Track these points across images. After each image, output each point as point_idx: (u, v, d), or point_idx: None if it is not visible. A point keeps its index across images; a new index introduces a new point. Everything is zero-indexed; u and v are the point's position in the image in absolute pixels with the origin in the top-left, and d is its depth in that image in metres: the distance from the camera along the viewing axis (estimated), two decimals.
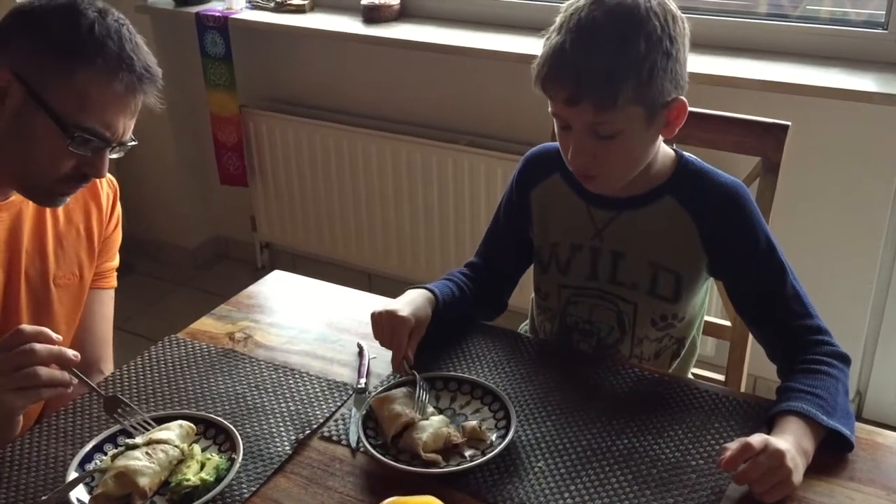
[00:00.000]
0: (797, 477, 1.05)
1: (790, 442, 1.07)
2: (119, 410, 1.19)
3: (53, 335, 1.14)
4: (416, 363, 1.28)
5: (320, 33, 2.72)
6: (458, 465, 1.12)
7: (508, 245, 1.48)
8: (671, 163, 1.32)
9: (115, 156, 1.27)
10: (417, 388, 1.23)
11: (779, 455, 1.04)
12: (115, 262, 1.52)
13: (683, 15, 1.23)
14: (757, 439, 1.05)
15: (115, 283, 1.53)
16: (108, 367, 1.49)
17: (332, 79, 2.91)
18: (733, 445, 1.05)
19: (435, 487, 1.07)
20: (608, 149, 1.22)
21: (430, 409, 1.20)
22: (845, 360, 1.23)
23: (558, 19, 1.22)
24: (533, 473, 1.12)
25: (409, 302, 1.32)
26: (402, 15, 2.72)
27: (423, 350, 1.37)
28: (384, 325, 1.29)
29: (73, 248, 1.41)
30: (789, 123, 1.47)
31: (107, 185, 1.46)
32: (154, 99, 1.28)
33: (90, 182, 1.29)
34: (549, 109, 1.25)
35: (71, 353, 1.14)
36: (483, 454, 1.13)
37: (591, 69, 1.16)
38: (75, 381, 1.15)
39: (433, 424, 1.15)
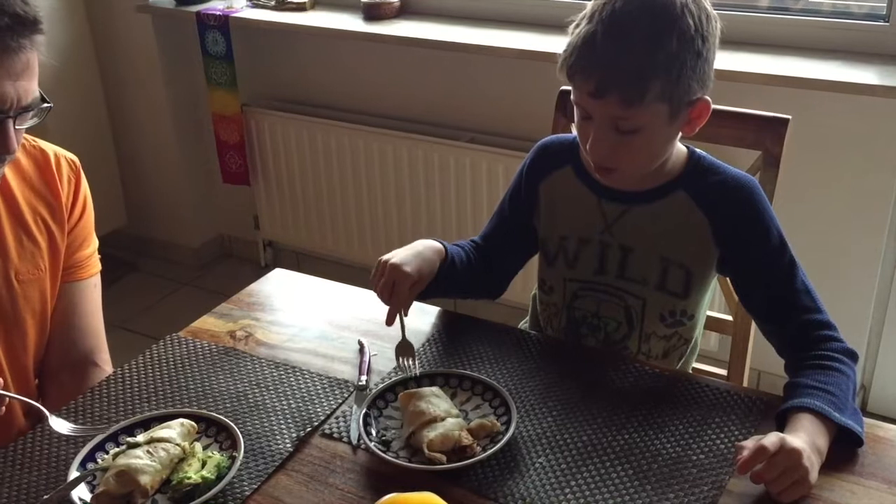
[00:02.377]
0: (813, 475, 1.05)
1: (805, 440, 1.06)
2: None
3: None
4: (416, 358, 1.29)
5: (321, 31, 2.72)
6: (458, 461, 1.12)
7: (511, 232, 1.47)
8: (683, 158, 1.32)
9: (26, 125, 1.16)
10: (403, 360, 1.27)
11: (795, 454, 1.03)
12: (92, 247, 1.46)
13: (716, 13, 1.21)
14: (771, 440, 1.04)
15: (95, 269, 1.47)
16: (105, 359, 1.46)
17: (333, 76, 2.91)
18: (748, 444, 1.04)
19: (436, 484, 1.07)
20: (628, 143, 1.21)
21: (455, 410, 1.19)
22: (854, 357, 1.22)
23: (590, 6, 1.21)
24: (534, 469, 1.12)
25: (417, 254, 1.32)
26: (403, 12, 2.72)
27: (423, 345, 1.37)
28: (386, 278, 1.28)
29: (35, 241, 1.35)
30: (789, 117, 1.46)
31: (67, 168, 1.39)
32: (39, 52, 1.13)
33: (4, 160, 1.18)
34: (572, 98, 1.24)
35: None
36: (484, 450, 1.13)
37: (621, 63, 1.16)
38: (4, 403, 1.13)
39: (446, 425, 1.14)
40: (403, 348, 1.30)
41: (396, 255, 1.31)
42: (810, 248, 2.22)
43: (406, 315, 1.31)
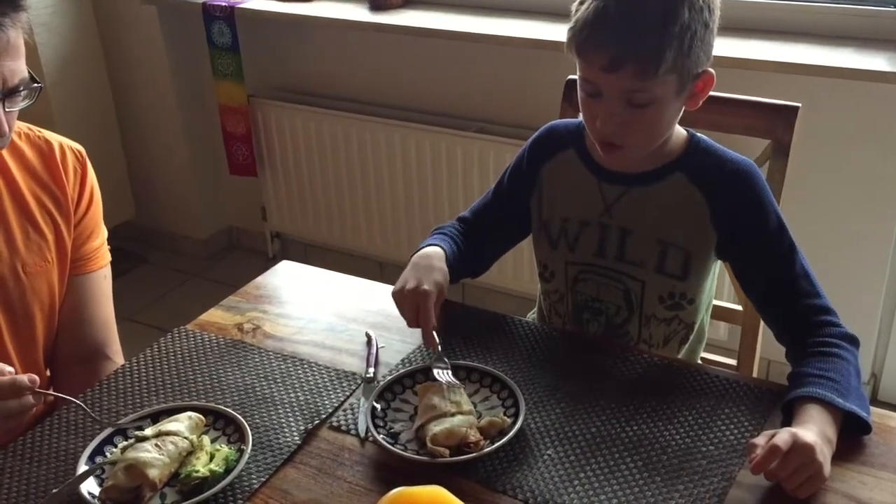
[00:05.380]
0: (827, 468, 1.04)
1: (816, 433, 1.05)
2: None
3: (3, 367, 1.09)
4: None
5: (327, 21, 2.71)
6: (466, 453, 1.11)
7: (505, 211, 1.47)
8: (683, 140, 1.32)
9: (18, 107, 1.15)
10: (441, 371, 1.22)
11: (808, 450, 1.02)
12: (101, 238, 1.45)
13: None
14: (783, 437, 1.02)
15: (105, 260, 1.46)
16: (116, 350, 1.46)
17: (339, 67, 2.90)
18: (760, 441, 1.03)
19: (444, 477, 1.07)
20: (639, 118, 1.21)
21: (468, 407, 1.18)
22: (854, 341, 1.22)
23: None
24: (542, 461, 1.11)
25: (427, 269, 1.31)
26: (408, 2, 2.71)
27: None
28: (408, 302, 1.27)
29: (41, 233, 1.35)
30: (799, 105, 1.45)
31: (72, 158, 1.38)
32: (23, 30, 1.10)
33: None
34: (579, 75, 1.23)
35: (26, 379, 1.08)
36: (492, 442, 1.13)
37: (636, 35, 1.15)
38: (40, 402, 1.13)
39: (454, 421, 1.14)
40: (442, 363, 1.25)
41: (409, 281, 1.30)
42: (820, 236, 2.21)
43: (436, 330, 1.27)
